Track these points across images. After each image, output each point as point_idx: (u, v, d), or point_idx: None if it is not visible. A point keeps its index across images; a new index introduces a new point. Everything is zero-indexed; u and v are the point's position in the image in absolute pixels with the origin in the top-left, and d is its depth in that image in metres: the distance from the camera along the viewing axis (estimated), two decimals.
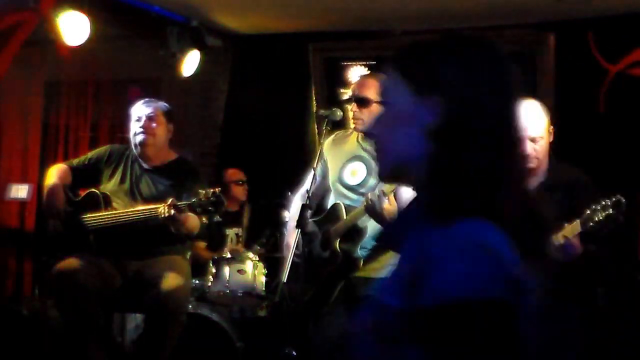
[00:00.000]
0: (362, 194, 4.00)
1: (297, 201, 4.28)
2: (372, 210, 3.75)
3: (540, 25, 5.96)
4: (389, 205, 3.72)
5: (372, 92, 3.98)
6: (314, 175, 3.97)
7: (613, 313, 4.78)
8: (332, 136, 4.25)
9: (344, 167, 4.10)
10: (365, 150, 4.08)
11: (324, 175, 4.24)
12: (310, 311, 4.13)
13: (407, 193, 3.71)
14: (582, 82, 3.80)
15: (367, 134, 3.99)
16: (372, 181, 4.00)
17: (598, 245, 3.53)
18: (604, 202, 3.34)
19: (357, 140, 4.13)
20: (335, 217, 3.98)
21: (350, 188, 4.07)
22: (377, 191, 3.73)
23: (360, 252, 3.96)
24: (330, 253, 3.94)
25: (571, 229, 3.41)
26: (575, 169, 3.78)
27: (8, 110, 6.10)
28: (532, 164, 3.67)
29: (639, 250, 5.16)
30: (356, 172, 4.06)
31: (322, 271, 3.95)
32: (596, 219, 3.34)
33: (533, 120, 3.64)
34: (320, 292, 3.99)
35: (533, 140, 3.63)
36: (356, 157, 4.09)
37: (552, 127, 3.72)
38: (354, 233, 3.93)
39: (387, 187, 3.72)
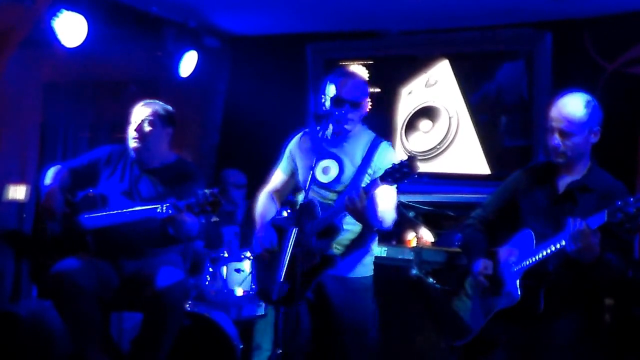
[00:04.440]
0: (336, 192, 4.06)
1: (262, 198, 4.37)
2: (353, 209, 3.77)
3: (537, 24, 5.99)
4: (366, 204, 3.76)
5: (361, 93, 4.09)
6: (313, 173, 3.97)
7: (618, 329, 4.74)
8: (300, 135, 4.32)
9: (316, 165, 4.10)
10: (336, 147, 4.13)
11: (292, 174, 4.31)
12: (284, 310, 4.14)
13: (384, 191, 3.72)
14: (579, 81, 3.83)
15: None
16: (344, 179, 4.05)
17: (616, 252, 3.47)
18: (638, 196, 3.23)
19: (329, 138, 4.14)
20: (310, 214, 3.98)
21: (322, 186, 4.10)
22: (359, 190, 3.75)
23: (334, 249, 4.00)
24: (306, 251, 3.93)
25: (597, 218, 3.32)
26: (616, 180, 3.70)
27: (6, 111, 6.10)
28: (560, 159, 3.66)
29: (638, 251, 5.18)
30: (328, 170, 4.10)
31: (297, 268, 3.90)
32: (626, 210, 3.23)
33: (568, 114, 3.60)
34: (294, 290, 3.96)
35: (562, 134, 3.61)
36: (327, 155, 4.12)
37: (598, 127, 3.66)
38: (329, 230, 3.96)
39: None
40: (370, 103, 4.23)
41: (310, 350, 4.14)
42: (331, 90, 4.07)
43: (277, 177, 4.39)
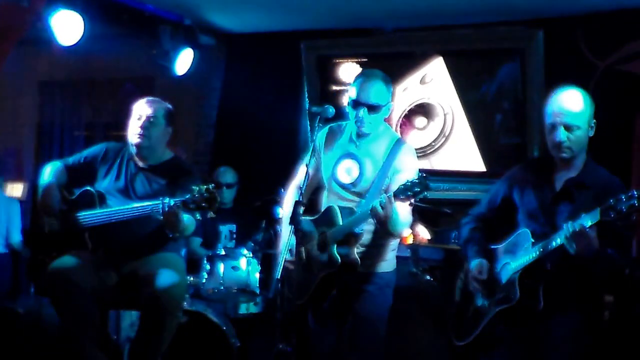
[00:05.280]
0: (355, 193, 4.05)
1: (289, 195, 4.31)
2: (377, 215, 3.76)
3: (529, 21, 5.99)
4: (391, 212, 3.75)
5: (380, 97, 4.02)
6: (307, 171, 3.99)
7: (617, 326, 4.74)
8: (326, 129, 4.26)
9: (338, 165, 4.12)
10: (358, 147, 4.10)
11: (317, 168, 4.25)
12: (307, 314, 4.16)
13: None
14: (571, 78, 3.84)
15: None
16: (365, 180, 4.04)
17: (614, 247, 3.48)
18: (630, 193, 3.25)
19: (351, 137, 4.13)
20: (330, 220, 3.99)
21: (343, 186, 4.10)
22: (384, 197, 3.73)
23: (356, 254, 3.96)
24: (327, 257, 3.95)
25: (589, 217, 3.34)
26: (612, 176, 3.70)
27: (3, 109, 6.11)
28: (565, 154, 3.66)
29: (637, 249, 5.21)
30: (349, 171, 4.09)
31: (319, 273, 3.99)
32: (618, 208, 3.24)
33: (571, 108, 3.61)
34: (316, 295, 4.04)
35: (568, 128, 3.62)
36: (349, 155, 4.11)
37: (594, 120, 3.68)
38: (350, 237, 3.95)
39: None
40: (393, 104, 4.15)
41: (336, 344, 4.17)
42: (352, 92, 4.04)
43: (304, 172, 4.24)
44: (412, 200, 3.71)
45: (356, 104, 4.01)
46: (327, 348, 4.19)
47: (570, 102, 3.63)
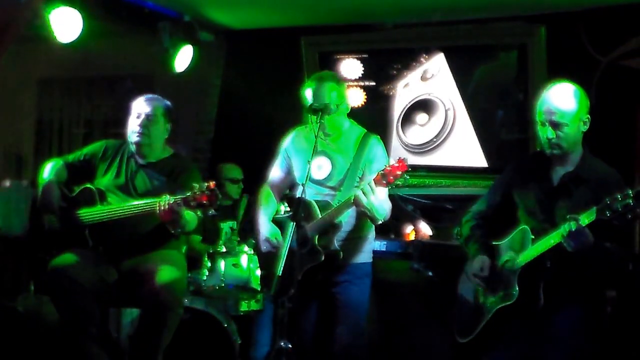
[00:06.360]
0: (330, 187, 4.20)
1: (262, 193, 4.47)
2: (361, 204, 3.89)
3: (531, 17, 5.97)
4: (374, 199, 3.88)
5: (335, 99, 4.16)
6: (309, 167, 4.05)
7: (620, 321, 4.71)
8: (293, 133, 4.44)
9: (310, 163, 4.17)
10: (328, 145, 4.24)
11: (288, 171, 4.41)
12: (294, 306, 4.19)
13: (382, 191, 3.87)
14: (574, 74, 3.84)
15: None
16: (338, 175, 4.19)
17: (613, 242, 3.49)
18: (625, 192, 3.27)
19: (319, 136, 4.19)
20: (308, 214, 4.09)
21: (317, 182, 4.23)
22: (366, 185, 3.86)
23: (336, 244, 4.10)
24: (310, 250, 4.07)
25: (586, 216, 3.36)
26: (609, 167, 3.71)
27: (1, 107, 6.09)
28: (555, 151, 3.67)
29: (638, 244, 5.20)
30: (321, 167, 4.23)
31: (302, 267, 4.08)
32: (614, 207, 3.27)
33: (559, 105, 3.62)
34: (302, 287, 4.09)
35: (555, 125, 3.62)
36: (320, 152, 4.22)
37: (588, 116, 3.68)
38: (329, 228, 4.07)
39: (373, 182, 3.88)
40: (350, 100, 4.31)
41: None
42: (308, 97, 4.17)
43: (275, 173, 4.49)
44: (392, 184, 3.85)
45: (312, 109, 4.14)
46: (309, 341, 4.29)
47: (558, 100, 3.64)
